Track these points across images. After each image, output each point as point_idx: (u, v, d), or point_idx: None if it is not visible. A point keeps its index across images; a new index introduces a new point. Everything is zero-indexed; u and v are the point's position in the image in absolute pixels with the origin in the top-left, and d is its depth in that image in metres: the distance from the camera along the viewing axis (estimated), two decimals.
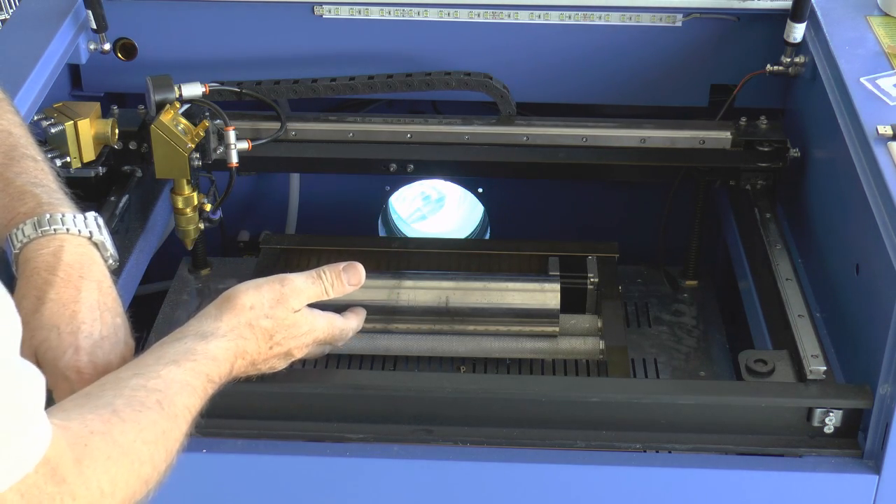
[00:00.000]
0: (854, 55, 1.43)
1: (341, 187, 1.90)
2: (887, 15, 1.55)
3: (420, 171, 1.64)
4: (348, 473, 1.22)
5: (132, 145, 1.55)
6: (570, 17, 1.64)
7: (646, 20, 1.64)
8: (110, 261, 1.14)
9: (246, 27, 1.66)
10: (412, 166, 1.60)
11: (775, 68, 1.58)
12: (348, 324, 1.24)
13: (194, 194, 1.52)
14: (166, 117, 1.45)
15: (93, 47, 1.62)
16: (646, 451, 1.26)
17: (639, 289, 1.71)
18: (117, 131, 1.49)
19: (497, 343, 1.48)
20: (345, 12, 1.64)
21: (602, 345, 1.47)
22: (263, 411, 1.24)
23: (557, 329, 1.48)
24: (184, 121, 1.47)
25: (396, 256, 1.63)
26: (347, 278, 1.20)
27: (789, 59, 1.57)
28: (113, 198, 1.51)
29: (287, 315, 1.13)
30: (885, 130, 1.26)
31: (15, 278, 1.09)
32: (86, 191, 1.47)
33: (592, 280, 1.55)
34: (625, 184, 1.86)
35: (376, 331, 1.49)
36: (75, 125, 1.44)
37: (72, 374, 1.04)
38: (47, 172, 1.17)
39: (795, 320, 1.32)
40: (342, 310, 1.29)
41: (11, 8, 2.84)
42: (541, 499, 1.22)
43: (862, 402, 1.20)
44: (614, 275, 1.57)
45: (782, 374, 1.26)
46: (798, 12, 1.53)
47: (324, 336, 1.19)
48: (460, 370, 1.49)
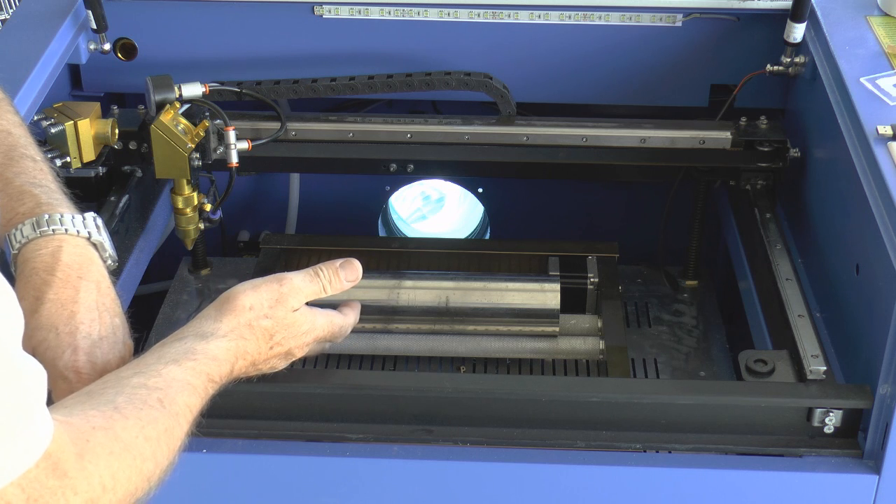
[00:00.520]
0: (854, 55, 1.43)
1: (341, 187, 1.90)
2: (887, 15, 1.55)
3: (420, 171, 1.64)
4: (348, 473, 1.22)
5: (132, 145, 1.55)
6: (570, 17, 1.64)
7: (646, 20, 1.64)
8: (109, 261, 1.14)
9: (246, 27, 1.66)
10: (412, 166, 1.60)
11: (775, 68, 1.58)
12: (347, 320, 1.24)
13: (194, 194, 1.52)
14: (166, 117, 1.45)
15: (93, 47, 1.62)
16: (646, 451, 1.26)
17: (639, 289, 1.71)
18: (117, 131, 1.49)
19: (497, 343, 1.48)
20: (345, 12, 1.64)
21: (602, 345, 1.47)
22: (263, 411, 1.23)
23: (557, 329, 1.48)
24: (184, 121, 1.47)
25: (396, 256, 1.63)
26: (345, 275, 1.20)
27: (789, 59, 1.57)
28: (113, 198, 1.51)
29: (286, 315, 1.13)
30: (885, 130, 1.25)
31: (14, 278, 1.09)
32: (86, 191, 1.47)
33: (592, 280, 1.55)
34: (625, 184, 1.86)
35: (376, 331, 1.49)
36: (75, 125, 1.44)
37: (70, 375, 1.04)
38: (46, 172, 1.17)
39: (795, 320, 1.32)
40: (336, 306, 1.28)
41: (11, 8, 2.84)
42: (541, 499, 1.22)
43: (862, 402, 1.20)
44: (614, 275, 1.57)
45: (782, 374, 1.26)
46: (798, 12, 1.53)
47: (323, 334, 1.19)
48: (460, 370, 1.49)
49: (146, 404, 0.94)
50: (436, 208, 2.04)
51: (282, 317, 1.13)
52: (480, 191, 1.90)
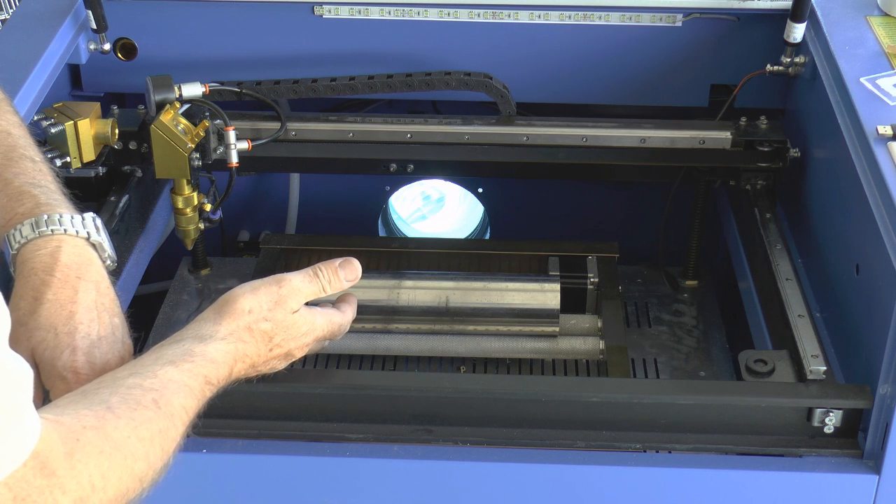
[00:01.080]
0: (854, 55, 1.43)
1: (341, 187, 1.90)
2: (887, 15, 1.55)
3: (420, 171, 1.64)
4: (348, 473, 1.22)
5: (132, 145, 1.55)
6: (570, 17, 1.64)
7: (646, 20, 1.64)
8: (108, 261, 1.14)
9: (246, 27, 1.66)
10: (412, 166, 1.60)
11: (775, 68, 1.58)
12: (345, 317, 1.23)
13: (194, 194, 1.52)
14: (166, 117, 1.45)
15: (93, 47, 1.62)
16: (646, 451, 1.26)
17: (639, 289, 1.71)
18: (117, 131, 1.49)
19: (497, 343, 1.48)
20: (345, 12, 1.64)
21: (602, 345, 1.47)
22: (263, 411, 1.23)
23: (557, 329, 1.48)
24: (184, 121, 1.47)
25: (396, 256, 1.63)
26: (344, 274, 1.20)
27: (789, 59, 1.57)
28: (113, 198, 1.51)
29: (286, 316, 1.13)
30: (885, 130, 1.25)
31: (13, 279, 1.09)
32: (86, 191, 1.47)
33: (592, 280, 1.55)
34: (625, 184, 1.86)
35: (376, 331, 1.49)
36: (75, 125, 1.44)
37: (69, 375, 1.04)
38: (46, 173, 1.16)
39: (795, 320, 1.32)
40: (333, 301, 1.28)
41: (11, 8, 2.84)
42: (541, 499, 1.22)
43: (862, 402, 1.20)
44: (614, 275, 1.57)
45: (782, 374, 1.26)
46: (798, 12, 1.52)
47: (323, 333, 1.19)
48: (460, 370, 1.49)
49: (140, 405, 0.94)
50: (436, 208, 2.04)
51: (281, 319, 1.13)
52: (480, 191, 1.90)
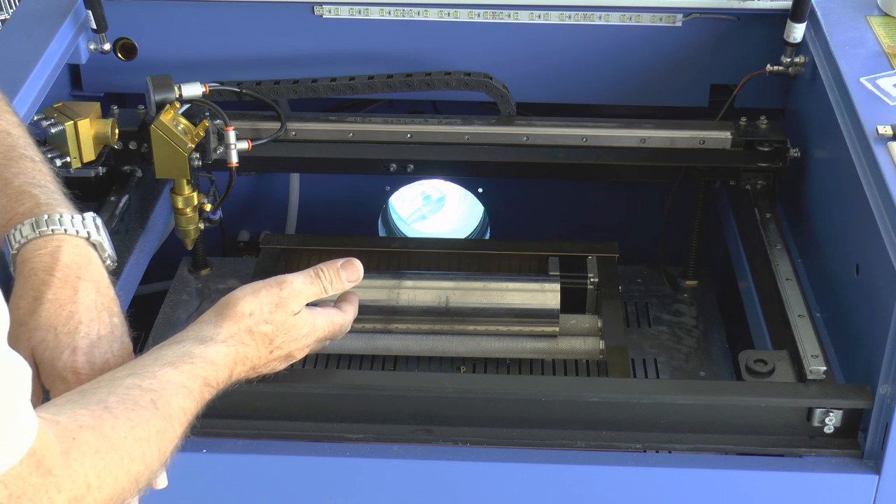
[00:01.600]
0: (854, 55, 1.43)
1: (341, 187, 1.90)
2: (887, 15, 1.55)
3: (420, 171, 1.64)
4: (348, 473, 1.22)
5: (132, 145, 1.55)
6: (570, 17, 1.64)
7: (646, 20, 1.64)
8: (108, 261, 1.14)
9: (246, 27, 1.66)
10: (412, 166, 1.60)
11: (775, 68, 1.58)
12: (346, 317, 1.23)
13: (194, 194, 1.52)
14: (166, 117, 1.45)
15: (93, 47, 1.62)
16: (646, 451, 1.26)
17: (639, 289, 1.71)
18: (117, 131, 1.49)
19: (497, 343, 1.48)
20: (345, 12, 1.64)
21: (602, 345, 1.47)
22: (263, 411, 1.23)
23: (557, 329, 1.48)
24: (184, 121, 1.47)
25: (396, 256, 1.63)
26: (346, 275, 1.19)
27: (789, 59, 1.57)
28: (113, 198, 1.51)
29: (287, 318, 1.13)
30: (885, 130, 1.25)
31: (13, 278, 1.09)
32: (86, 191, 1.47)
33: (592, 280, 1.55)
34: (625, 184, 1.86)
35: (376, 331, 1.49)
36: (75, 125, 1.44)
37: (69, 375, 1.04)
38: (46, 173, 1.16)
39: (795, 320, 1.32)
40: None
41: (11, 8, 2.84)
42: (541, 499, 1.22)
43: (862, 402, 1.20)
44: (614, 275, 1.57)
45: (782, 374, 1.26)
46: (798, 12, 1.53)
47: (324, 334, 1.19)
48: (460, 370, 1.49)
49: (138, 405, 0.94)
50: (436, 208, 2.04)
51: (282, 321, 1.12)
52: (480, 191, 1.90)
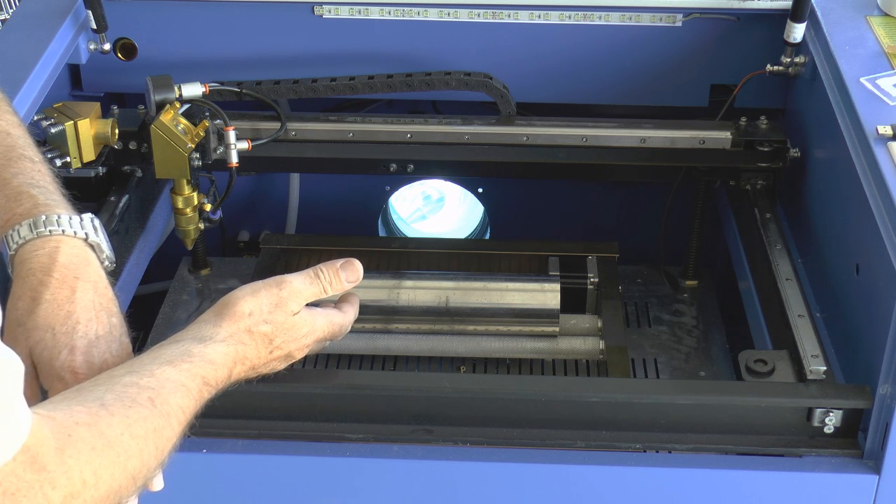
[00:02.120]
0: (854, 55, 1.43)
1: (341, 187, 1.90)
2: (887, 15, 1.55)
3: (420, 171, 1.64)
4: (348, 473, 1.22)
5: (132, 145, 1.55)
6: (570, 17, 1.64)
7: (646, 20, 1.64)
8: (106, 262, 1.13)
9: (246, 27, 1.66)
10: (412, 166, 1.60)
11: (775, 68, 1.58)
12: (346, 318, 1.23)
13: (194, 194, 1.52)
14: (166, 117, 1.45)
15: (93, 47, 1.62)
16: (646, 451, 1.26)
17: (639, 289, 1.71)
18: (117, 131, 1.49)
19: (497, 343, 1.48)
20: (345, 12, 1.64)
21: (602, 345, 1.47)
22: (263, 411, 1.23)
23: (557, 329, 1.48)
24: (184, 121, 1.47)
25: (396, 256, 1.63)
26: (346, 276, 1.19)
27: (789, 59, 1.57)
28: (113, 198, 1.51)
29: (286, 319, 1.13)
30: (885, 130, 1.25)
31: (11, 279, 1.09)
32: (85, 191, 1.47)
33: (592, 280, 1.55)
34: (625, 184, 1.86)
35: (376, 331, 1.49)
36: (75, 125, 1.44)
37: (67, 375, 1.04)
38: (45, 173, 1.16)
39: (795, 320, 1.32)
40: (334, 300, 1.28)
41: (11, 8, 2.84)
42: (541, 499, 1.22)
43: (862, 402, 1.20)
44: (614, 275, 1.57)
45: (782, 374, 1.26)
46: (798, 12, 1.52)
47: (323, 334, 1.19)
48: (460, 370, 1.49)
49: (136, 402, 0.94)
50: (436, 208, 2.04)
51: (281, 321, 1.12)
52: (480, 191, 1.90)
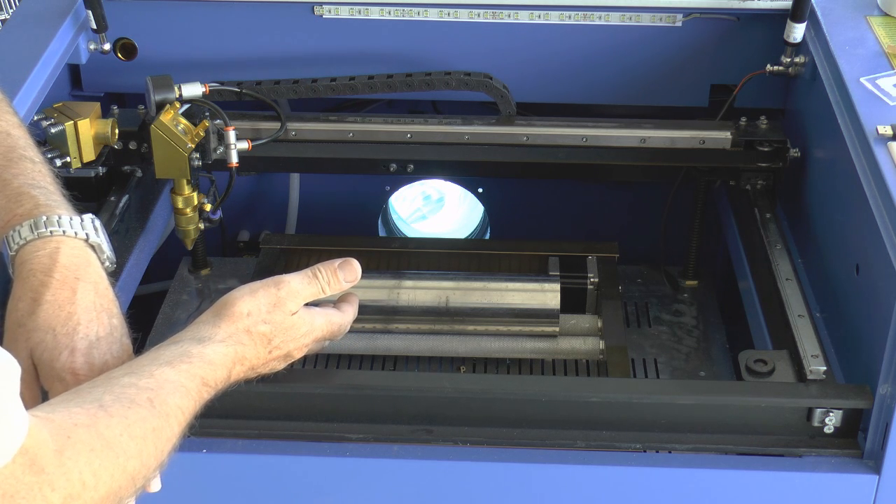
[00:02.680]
0: (854, 55, 1.43)
1: (341, 187, 1.90)
2: (887, 15, 1.55)
3: (420, 171, 1.64)
4: (348, 473, 1.22)
5: (132, 145, 1.55)
6: (570, 17, 1.64)
7: (646, 20, 1.64)
8: (107, 263, 1.13)
9: (246, 27, 1.66)
10: (412, 166, 1.60)
11: (775, 68, 1.58)
12: (346, 318, 1.23)
13: (194, 194, 1.52)
14: (166, 117, 1.45)
15: (93, 47, 1.62)
16: (646, 451, 1.26)
17: (639, 289, 1.71)
18: (117, 131, 1.49)
19: (497, 343, 1.48)
20: (345, 12, 1.64)
21: (602, 345, 1.47)
22: (263, 411, 1.23)
23: (557, 329, 1.48)
24: (184, 121, 1.47)
25: (396, 256, 1.63)
26: (344, 275, 1.19)
27: (789, 59, 1.57)
28: (113, 198, 1.51)
29: (285, 318, 1.13)
30: (885, 130, 1.25)
31: (12, 280, 1.09)
32: (85, 191, 1.47)
33: (592, 280, 1.55)
34: (625, 184, 1.86)
35: (376, 331, 1.49)
36: (75, 125, 1.44)
37: (67, 376, 1.04)
38: (45, 174, 1.16)
39: (795, 320, 1.32)
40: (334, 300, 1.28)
41: (11, 8, 2.84)
42: (541, 499, 1.22)
43: (862, 402, 1.20)
44: (614, 275, 1.57)
45: (782, 374, 1.26)
46: (798, 12, 1.53)
47: (322, 334, 1.19)
48: (460, 370, 1.49)
49: (134, 403, 0.94)
50: (436, 208, 2.04)
51: (280, 321, 1.12)
52: (480, 191, 1.90)
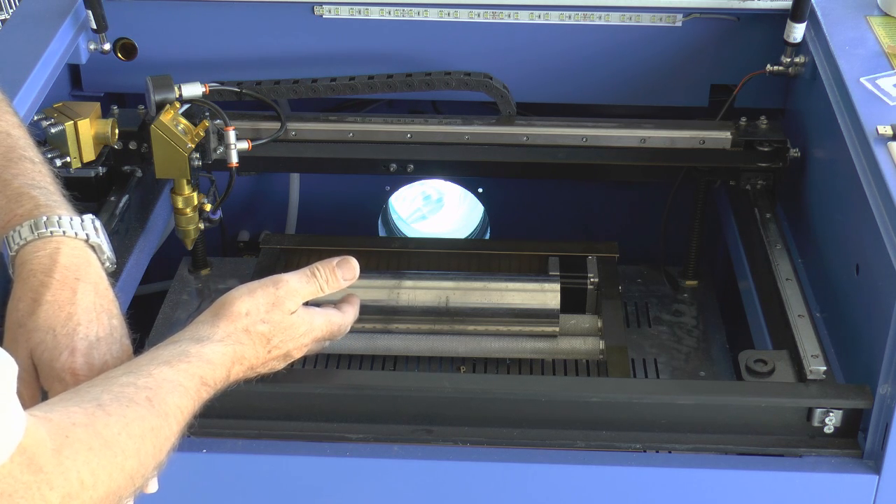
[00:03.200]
0: (854, 55, 1.43)
1: (341, 187, 1.90)
2: (887, 15, 1.55)
3: (420, 171, 1.64)
4: (348, 473, 1.22)
5: (132, 145, 1.55)
6: (570, 17, 1.64)
7: (646, 20, 1.64)
8: (107, 263, 1.13)
9: (246, 27, 1.66)
10: (412, 166, 1.60)
11: (775, 68, 1.58)
12: (346, 318, 1.23)
13: (194, 194, 1.52)
14: (166, 117, 1.45)
15: (93, 47, 1.62)
16: (646, 451, 1.26)
17: (639, 289, 1.71)
18: (117, 131, 1.49)
19: (497, 343, 1.48)
20: (345, 12, 1.64)
21: (602, 345, 1.47)
22: (263, 411, 1.23)
23: (557, 329, 1.48)
24: (184, 121, 1.47)
25: (396, 256, 1.63)
26: (342, 274, 1.19)
27: (789, 59, 1.57)
28: (113, 198, 1.51)
29: (283, 318, 1.13)
30: (885, 130, 1.25)
31: (12, 280, 1.09)
32: (85, 191, 1.47)
33: (592, 280, 1.55)
34: (625, 184, 1.86)
35: (376, 331, 1.49)
36: (75, 125, 1.44)
37: (67, 376, 1.04)
38: (45, 174, 1.16)
39: (795, 320, 1.32)
40: (335, 301, 1.28)
41: (11, 8, 2.84)
42: (541, 499, 1.22)
43: (862, 402, 1.20)
44: (614, 275, 1.57)
45: (782, 374, 1.26)
46: (798, 12, 1.53)
47: (322, 334, 1.19)
48: (460, 370, 1.49)
49: (133, 402, 0.94)
50: (436, 208, 2.04)
51: (279, 320, 1.12)
52: (480, 191, 1.90)
